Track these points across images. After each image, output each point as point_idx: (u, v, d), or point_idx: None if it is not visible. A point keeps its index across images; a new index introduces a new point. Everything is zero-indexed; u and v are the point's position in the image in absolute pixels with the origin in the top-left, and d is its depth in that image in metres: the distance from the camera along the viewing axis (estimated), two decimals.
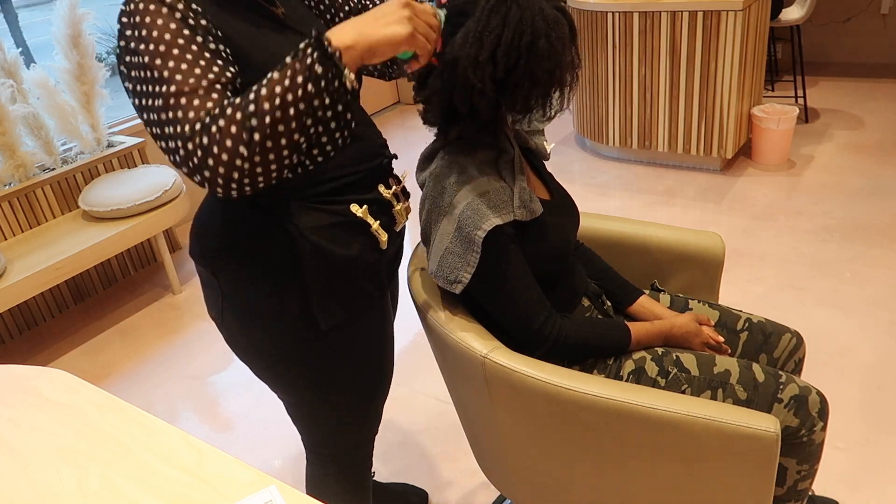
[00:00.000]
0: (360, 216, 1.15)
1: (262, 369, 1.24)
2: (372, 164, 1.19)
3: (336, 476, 1.40)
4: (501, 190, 1.16)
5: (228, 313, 1.18)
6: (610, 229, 1.58)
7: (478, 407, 1.26)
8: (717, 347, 1.33)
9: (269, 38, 1.08)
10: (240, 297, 1.16)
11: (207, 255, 1.16)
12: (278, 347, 1.19)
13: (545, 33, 1.06)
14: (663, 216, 3.17)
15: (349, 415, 1.32)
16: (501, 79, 1.08)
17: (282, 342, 1.18)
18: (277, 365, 1.22)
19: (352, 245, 1.16)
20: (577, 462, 1.19)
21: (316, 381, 1.24)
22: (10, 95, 2.79)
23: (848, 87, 4.50)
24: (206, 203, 1.20)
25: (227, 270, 1.15)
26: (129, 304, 3.06)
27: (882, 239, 2.78)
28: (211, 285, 1.19)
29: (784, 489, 1.31)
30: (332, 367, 1.24)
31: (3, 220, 2.81)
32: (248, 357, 1.24)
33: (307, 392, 1.26)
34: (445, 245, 1.16)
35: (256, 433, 2.19)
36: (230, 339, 1.23)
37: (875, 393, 2.01)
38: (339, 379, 1.26)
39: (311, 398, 1.27)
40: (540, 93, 1.11)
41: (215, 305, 1.20)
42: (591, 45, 3.59)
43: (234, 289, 1.16)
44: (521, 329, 1.20)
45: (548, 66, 1.08)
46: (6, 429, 1.09)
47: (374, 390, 1.33)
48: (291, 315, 1.15)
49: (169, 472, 0.95)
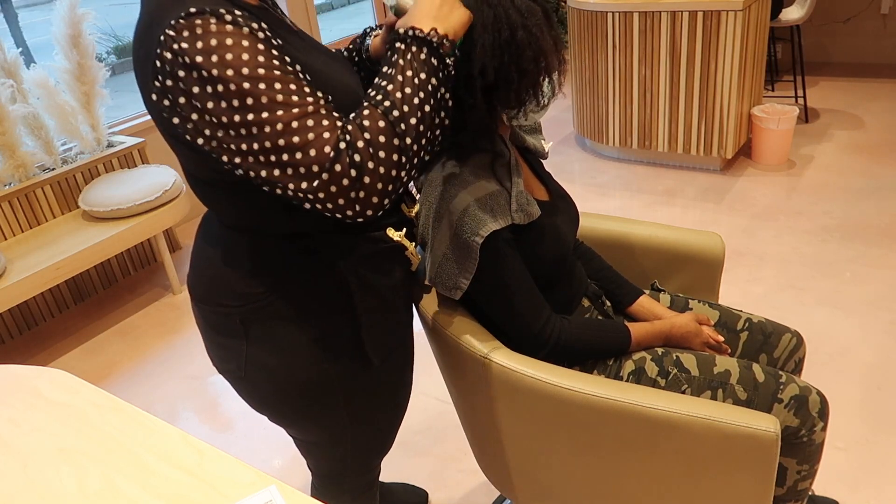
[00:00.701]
0: (398, 240, 1.09)
1: (291, 413, 1.13)
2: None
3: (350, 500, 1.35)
4: (498, 194, 1.15)
5: (255, 361, 1.07)
6: (610, 229, 1.58)
7: (478, 407, 1.26)
8: (717, 347, 1.33)
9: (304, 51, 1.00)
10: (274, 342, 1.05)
11: (234, 303, 1.03)
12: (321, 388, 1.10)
13: (521, 24, 1.07)
14: (663, 216, 3.17)
15: (378, 440, 1.27)
16: (492, 82, 1.09)
17: (326, 383, 1.09)
18: (313, 406, 1.12)
19: (394, 272, 1.10)
20: (577, 462, 1.19)
21: (358, 415, 1.16)
22: (10, 95, 2.79)
23: (848, 87, 4.50)
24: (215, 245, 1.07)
25: (261, 315, 1.03)
26: (129, 304, 3.06)
27: (882, 239, 2.78)
28: (232, 334, 1.06)
29: (784, 489, 1.31)
30: (377, 399, 1.18)
31: (3, 220, 2.81)
32: (274, 403, 1.12)
33: (341, 428, 1.17)
34: (443, 251, 1.16)
35: (256, 433, 2.19)
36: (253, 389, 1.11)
37: (875, 393, 2.01)
38: (380, 408, 1.20)
39: (342, 434, 1.18)
40: (530, 83, 1.11)
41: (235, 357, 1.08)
42: (591, 45, 3.59)
43: (268, 334, 1.04)
44: (521, 332, 1.20)
45: (531, 54, 1.08)
46: (6, 429, 1.09)
47: (404, 412, 1.30)
48: (340, 353, 1.08)
49: (169, 473, 0.95)
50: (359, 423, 1.19)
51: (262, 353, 1.06)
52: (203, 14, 0.81)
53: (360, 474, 1.32)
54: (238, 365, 1.08)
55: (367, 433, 1.23)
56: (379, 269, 1.07)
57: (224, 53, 0.81)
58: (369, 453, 1.28)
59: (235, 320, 1.05)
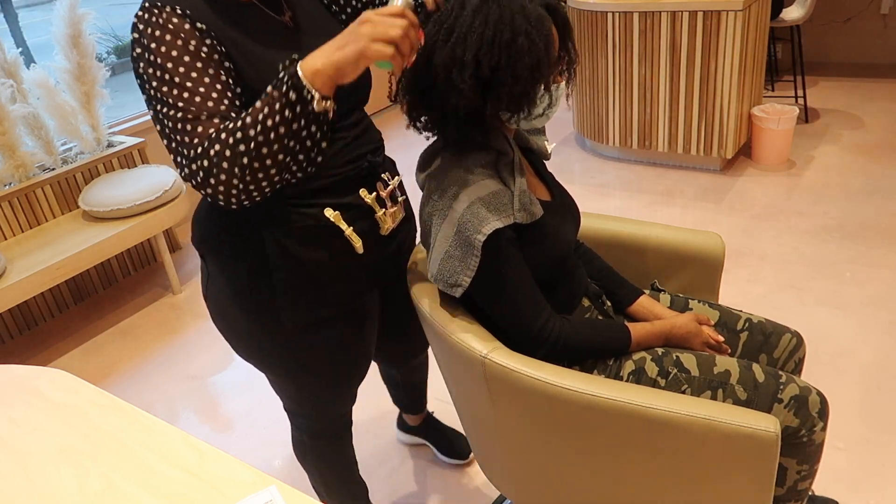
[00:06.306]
0: (332, 220, 1.19)
1: (237, 347, 1.33)
2: (353, 167, 1.22)
3: (310, 443, 1.50)
4: (501, 192, 1.16)
5: (212, 293, 1.29)
6: (610, 229, 1.58)
7: (478, 407, 1.26)
8: (717, 347, 1.33)
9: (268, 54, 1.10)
10: (220, 282, 1.26)
11: (196, 240, 1.27)
12: (250, 332, 1.27)
13: (525, 30, 1.07)
14: (663, 216, 3.17)
15: (316, 397, 1.40)
16: (487, 78, 1.09)
17: (254, 328, 1.26)
18: (249, 345, 1.30)
19: (321, 249, 1.20)
20: (577, 462, 1.19)
21: (285, 367, 1.32)
22: (10, 95, 2.79)
23: (848, 87, 4.51)
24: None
25: (210, 256, 1.25)
26: (129, 304, 3.06)
27: (882, 239, 2.78)
28: (203, 265, 1.31)
29: (784, 489, 1.31)
30: (299, 360, 1.31)
31: (3, 220, 2.81)
32: (226, 334, 1.32)
33: (276, 373, 1.35)
34: (445, 249, 1.16)
35: (256, 433, 2.19)
36: (213, 316, 1.32)
37: (875, 393, 2.01)
38: (306, 370, 1.33)
39: (281, 378, 1.36)
40: (523, 90, 1.11)
41: (203, 284, 1.31)
42: (591, 45, 3.60)
43: (217, 272, 1.26)
44: (521, 332, 1.20)
45: (528, 62, 1.08)
46: (6, 429, 1.09)
47: (342, 384, 1.40)
48: (262, 308, 1.23)
49: (169, 472, 0.95)
50: (283, 375, 1.34)
51: (214, 287, 1.28)
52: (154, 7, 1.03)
53: (314, 422, 1.46)
54: (204, 290, 1.32)
55: (292, 387, 1.37)
56: (306, 243, 1.19)
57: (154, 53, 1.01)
58: (318, 401, 1.41)
59: (199, 254, 1.29)
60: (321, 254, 1.20)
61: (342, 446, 1.53)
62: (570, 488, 1.25)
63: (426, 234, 1.24)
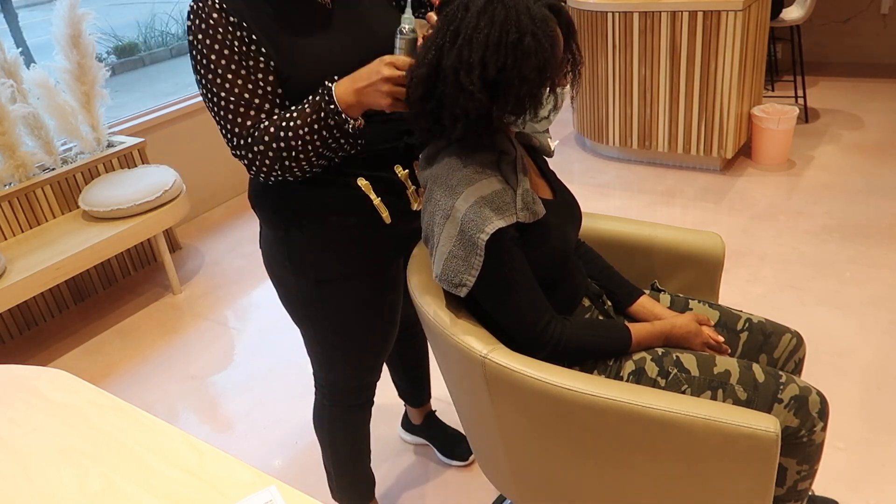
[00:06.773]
0: (363, 189, 1.29)
1: (282, 297, 1.44)
2: (390, 146, 1.32)
3: (330, 409, 1.56)
4: (504, 192, 1.16)
5: (262, 244, 1.42)
6: (610, 229, 1.58)
7: (478, 407, 1.26)
8: (717, 347, 1.33)
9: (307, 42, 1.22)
10: (266, 233, 1.39)
11: (249, 195, 1.40)
12: (289, 281, 1.39)
13: (531, 31, 1.07)
14: (663, 216, 3.17)
15: (342, 360, 1.48)
16: (493, 79, 1.08)
17: (290, 278, 1.38)
18: (290, 293, 1.41)
19: (350, 215, 1.31)
20: (577, 462, 1.19)
21: (315, 322, 1.43)
22: (10, 95, 2.79)
23: (848, 87, 4.51)
24: None
25: (258, 210, 1.38)
26: (129, 304, 3.06)
27: (882, 239, 2.78)
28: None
29: (784, 489, 1.31)
30: (326, 315, 1.41)
31: (3, 220, 2.81)
32: (274, 283, 1.44)
33: (308, 328, 1.45)
34: (449, 248, 1.16)
35: (256, 433, 2.19)
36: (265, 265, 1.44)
37: (875, 393, 2.01)
38: (332, 326, 1.42)
39: (312, 335, 1.46)
40: (530, 91, 1.11)
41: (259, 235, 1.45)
42: (591, 45, 3.60)
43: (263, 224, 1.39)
44: (523, 332, 1.20)
45: (535, 63, 1.08)
46: (6, 429, 1.09)
47: (366, 346, 1.47)
48: (296, 259, 1.35)
49: (169, 472, 0.95)
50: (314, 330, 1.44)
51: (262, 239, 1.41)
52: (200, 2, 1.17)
53: (337, 390, 1.53)
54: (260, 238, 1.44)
55: (321, 346, 1.47)
56: (334, 207, 1.30)
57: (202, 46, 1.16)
58: (347, 362, 1.49)
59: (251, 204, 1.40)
60: (350, 219, 1.31)
61: (361, 420, 1.59)
62: (569, 488, 1.25)
63: (429, 234, 1.24)
